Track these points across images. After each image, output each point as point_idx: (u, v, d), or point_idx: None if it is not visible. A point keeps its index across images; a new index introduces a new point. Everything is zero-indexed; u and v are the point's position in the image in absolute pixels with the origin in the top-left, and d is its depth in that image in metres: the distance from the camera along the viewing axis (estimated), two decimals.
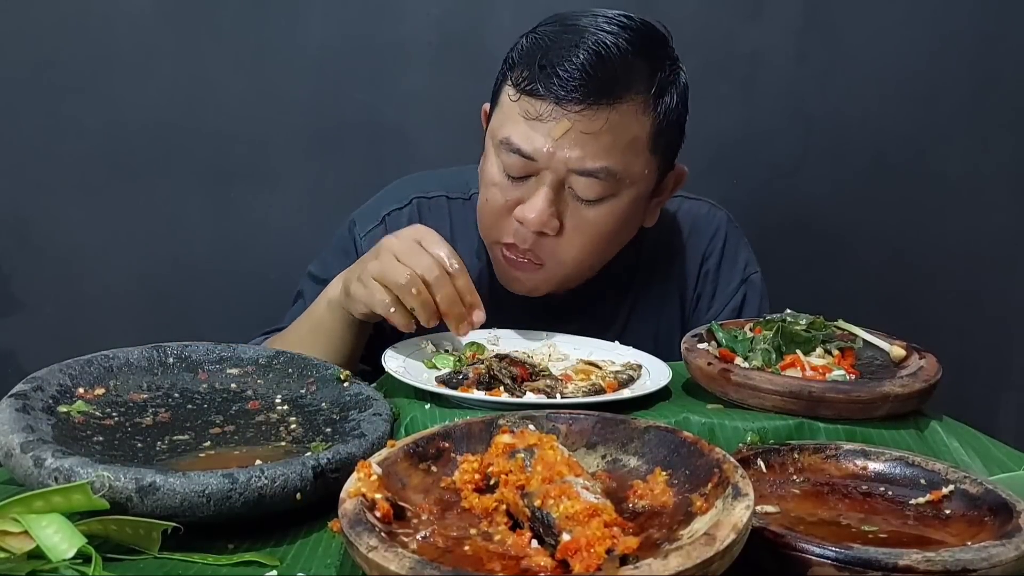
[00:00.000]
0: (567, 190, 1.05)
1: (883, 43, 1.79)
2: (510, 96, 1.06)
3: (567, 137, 1.01)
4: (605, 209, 1.06)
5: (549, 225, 1.05)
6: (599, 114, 1.01)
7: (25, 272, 1.76)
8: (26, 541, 0.57)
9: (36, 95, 1.71)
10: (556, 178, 1.04)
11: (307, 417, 0.83)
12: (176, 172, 1.76)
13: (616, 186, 1.05)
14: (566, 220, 1.06)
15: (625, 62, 1.02)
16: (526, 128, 1.03)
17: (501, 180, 1.07)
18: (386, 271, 0.95)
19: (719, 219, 1.27)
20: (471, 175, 1.19)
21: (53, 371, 0.80)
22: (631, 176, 1.06)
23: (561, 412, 0.74)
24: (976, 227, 1.85)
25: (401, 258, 0.95)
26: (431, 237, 0.98)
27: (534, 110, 1.02)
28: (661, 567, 0.48)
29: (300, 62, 1.74)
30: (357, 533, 0.54)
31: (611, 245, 1.13)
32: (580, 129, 1.01)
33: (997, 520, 0.64)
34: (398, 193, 1.24)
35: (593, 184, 1.04)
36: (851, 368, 0.91)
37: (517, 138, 1.03)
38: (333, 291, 1.06)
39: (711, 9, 1.76)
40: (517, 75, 1.05)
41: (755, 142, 1.81)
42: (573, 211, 1.06)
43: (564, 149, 1.02)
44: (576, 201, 1.05)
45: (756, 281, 1.26)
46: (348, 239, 1.23)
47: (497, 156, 1.07)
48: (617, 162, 1.03)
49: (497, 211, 1.08)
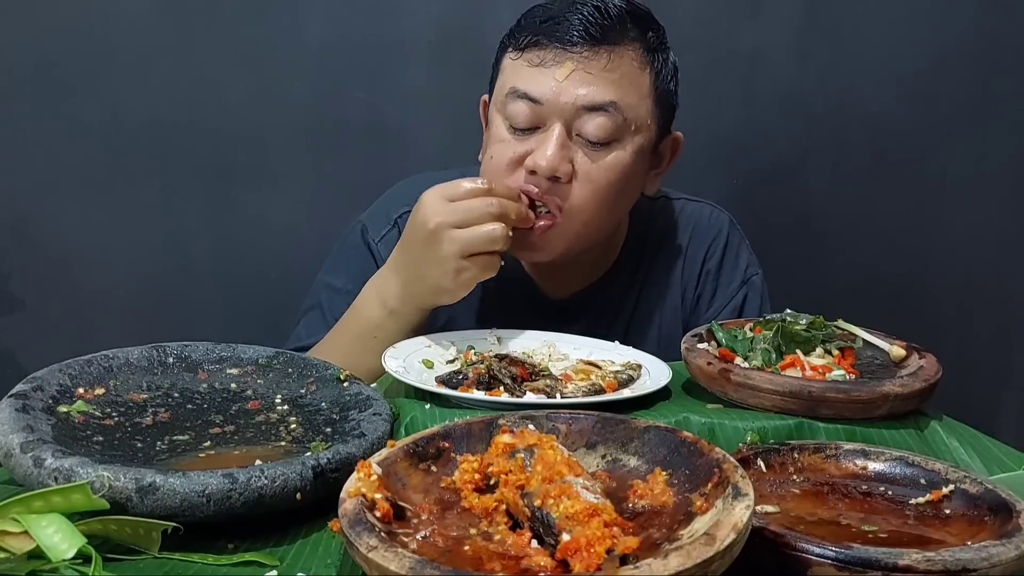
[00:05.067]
0: (575, 138, 1.07)
1: (884, 41, 1.79)
2: (512, 58, 1.10)
3: (572, 78, 1.05)
4: (612, 158, 1.08)
5: (561, 169, 1.06)
6: (601, 54, 1.06)
7: (25, 272, 1.76)
8: (26, 541, 0.57)
9: (36, 95, 1.71)
10: (564, 123, 1.06)
11: (307, 417, 0.83)
12: (176, 171, 1.76)
13: (623, 129, 1.07)
14: (576, 167, 1.07)
15: (620, 17, 1.08)
16: (531, 74, 1.07)
17: (507, 137, 1.08)
18: (470, 240, 0.99)
19: (721, 220, 1.28)
20: (472, 175, 1.19)
21: (53, 371, 0.80)
22: (636, 119, 1.08)
23: (561, 412, 0.74)
24: (976, 226, 1.85)
25: (463, 223, 0.99)
26: (453, 186, 1.02)
27: (538, 58, 1.07)
28: (661, 567, 0.48)
29: (300, 61, 1.74)
30: (357, 533, 0.54)
31: (616, 203, 1.13)
32: (584, 69, 1.05)
33: (997, 520, 0.64)
34: (405, 194, 1.23)
35: (602, 122, 1.06)
36: (851, 368, 0.91)
37: (523, 84, 1.07)
38: (390, 300, 1.06)
39: (712, 7, 1.76)
40: (519, 39, 1.09)
41: (755, 140, 1.81)
42: (582, 160, 1.07)
43: (571, 89, 1.05)
44: (585, 148, 1.07)
45: (757, 282, 1.26)
46: (362, 246, 1.23)
47: (501, 116, 1.09)
48: (623, 98, 1.07)
49: (504, 165, 1.08)
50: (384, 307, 1.07)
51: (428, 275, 1.02)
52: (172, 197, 1.76)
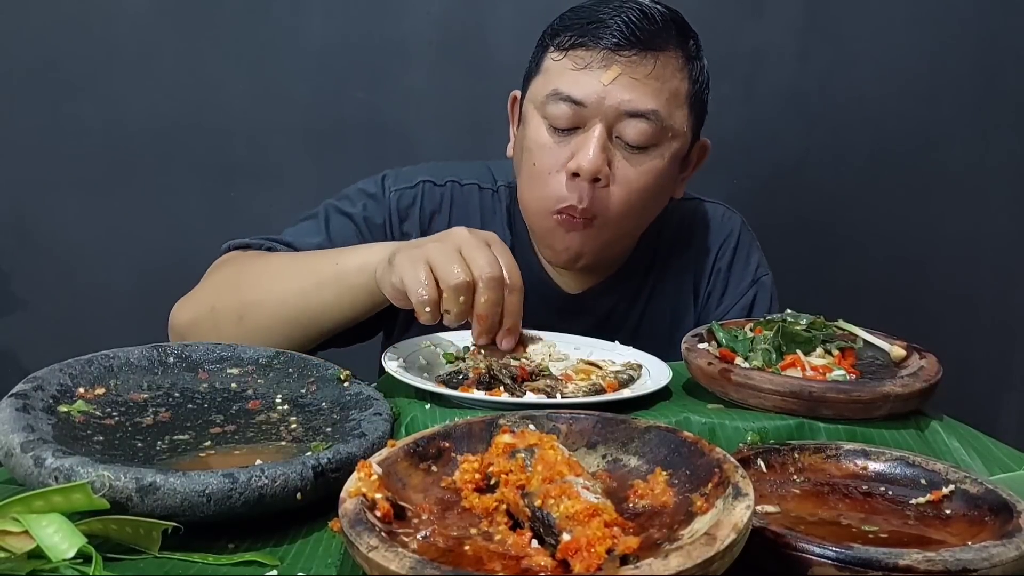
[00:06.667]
0: (614, 140, 1.08)
1: (885, 41, 1.79)
2: (554, 58, 1.10)
3: (618, 82, 1.06)
4: (649, 163, 1.09)
5: (603, 171, 1.06)
6: (646, 60, 1.06)
7: (25, 271, 1.77)
8: (26, 541, 0.57)
9: (37, 95, 1.72)
10: (605, 126, 1.06)
11: (307, 417, 0.83)
12: (177, 171, 1.76)
13: (661, 135, 1.08)
14: (614, 170, 1.08)
15: (664, 21, 1.09)
16: (575, 76, 1.07)
17: (547, 139, 1.09)
18: (443, 263, 0.90)
19: (733, 221, 1.30)
20: (496, 168, 1.20)
21: (53, 371, 0.80)
22: (674, 128, 1.09)
23: (561, 412, 0.74)
24: (978, 227, 1.85)
25: (465, 252, 0.91)
26: (502, 247, 0.95)
27: (583, 60, 1.07)
28: (661, 567, 0.48)
29: (301, 61, 1.74)
30: (357, 533, 0.54)
31: (649, 208, 1.14)
32: (629, 74, 1.06)
33: (998, 520, 0.64)
34: (434, 172, 1.24)
35: (643, 128, 1.06)
36: (851, 368, 0.91)
37: (566, 86, 1.07)
38: (374, 254, 1.01)
39: (712, 7, 1.76)
40: (562, 39, 1.09)
41: (756, 140, 1.81)
42: (620, 163, 1.08)
43: (616, 93, 1.06)
44: (623, 151, 1.08)
45: (767, 283, 1.27)
46: (378, 186, 1.23)
47: (540, 115, 1.10)
48: (664, 107, 1.08)
49: (548, 171, 1.09)
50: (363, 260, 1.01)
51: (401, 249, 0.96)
52: (172, 197, 1.76)
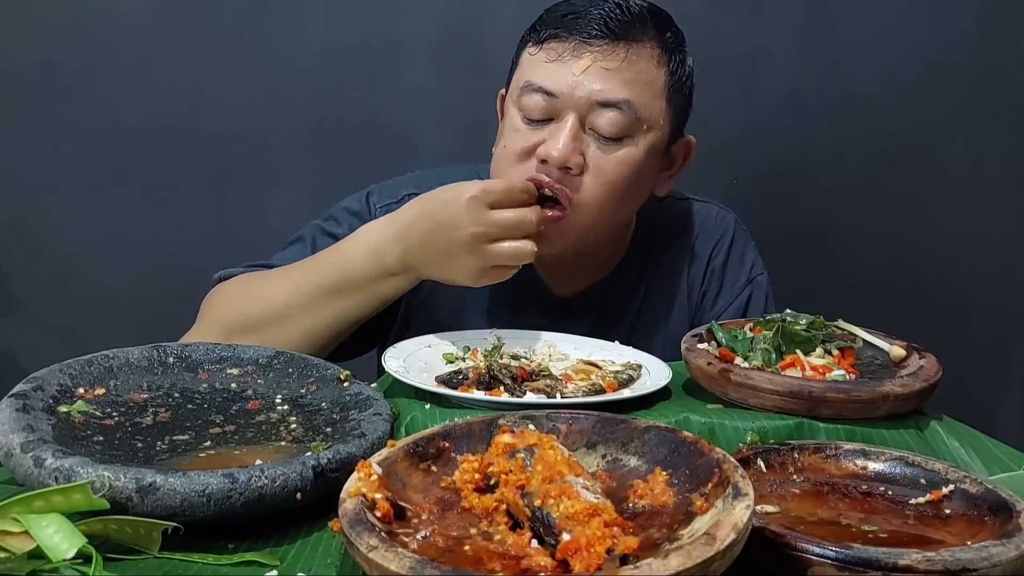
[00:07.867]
0: (588, 131, 1.07)
1: (884, 41, 1.78)
2: (531, 52, 1.11)
3: (589, 72, 1.06)
4: (624, 152, 1.08)
5: (573, 160, 1.06)
6: (618, 50, 1.07)
7: (25, 272, 1.77)
8: (26, 541, 0.57)
9: (37, 94, 1.72)
10: (578, 116, 1.06)
11: (307, 417, 0.83)
12: (176, 171, 1.76)
13: (635, 126, 1.08)
14: (588, 160, 1.08)
15: (641, 15, 1.10)
16: (549, 68, 1.08)
17: (521, 126, 1.09)
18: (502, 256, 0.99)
19: (728, 221, 1.30)
20: (483, 171, 1.20)
21: (53, 371, 0.80)
22: (649, 119, 1.09)
23: (561, 412, 0.74)
24: (977, 226, 1.85)
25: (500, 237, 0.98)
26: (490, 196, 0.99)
27: (556, 52, 1.07)
28: (661, 567, 0.48)
29: (300, 61, 1.74)
30: (357, 533, 0.54)
31: (625, 199, 1.13)
32: (601, 64, 1.06)
33: (997, 520, 0.64)
34: (419, 182, 1.23)
35: (615, 118, 1.06)
36: (851, 368, 0.91)
37: (539, 78, 1.07)
38: (391, 264, 1.03)
39: (712, 7, 1.76)
40: (540, 33, 1.10)
41: (755, 140, 1.81)
42: (593, 153, 1.08)
43: (586, 83, 1.06)
44: (597, 141, 1.08)
45: (762, 282, 1.27)
46: (363, 205, 1.23)
47: (516, 106, 1.10)
48: (637, 97, 1.07)
49: (516, 154, 1.09)
50: (380, 264, 1.03)
51: (445, 268, 1.01)
52: (172, 197, 1.76)
